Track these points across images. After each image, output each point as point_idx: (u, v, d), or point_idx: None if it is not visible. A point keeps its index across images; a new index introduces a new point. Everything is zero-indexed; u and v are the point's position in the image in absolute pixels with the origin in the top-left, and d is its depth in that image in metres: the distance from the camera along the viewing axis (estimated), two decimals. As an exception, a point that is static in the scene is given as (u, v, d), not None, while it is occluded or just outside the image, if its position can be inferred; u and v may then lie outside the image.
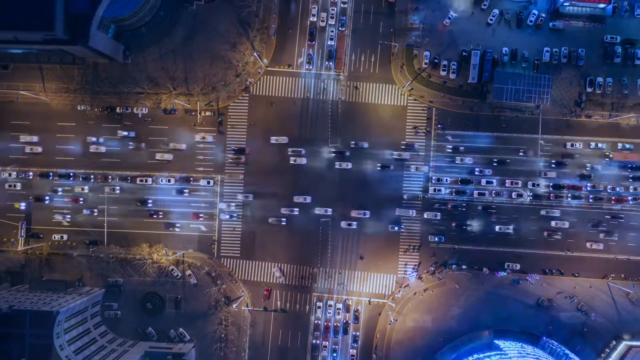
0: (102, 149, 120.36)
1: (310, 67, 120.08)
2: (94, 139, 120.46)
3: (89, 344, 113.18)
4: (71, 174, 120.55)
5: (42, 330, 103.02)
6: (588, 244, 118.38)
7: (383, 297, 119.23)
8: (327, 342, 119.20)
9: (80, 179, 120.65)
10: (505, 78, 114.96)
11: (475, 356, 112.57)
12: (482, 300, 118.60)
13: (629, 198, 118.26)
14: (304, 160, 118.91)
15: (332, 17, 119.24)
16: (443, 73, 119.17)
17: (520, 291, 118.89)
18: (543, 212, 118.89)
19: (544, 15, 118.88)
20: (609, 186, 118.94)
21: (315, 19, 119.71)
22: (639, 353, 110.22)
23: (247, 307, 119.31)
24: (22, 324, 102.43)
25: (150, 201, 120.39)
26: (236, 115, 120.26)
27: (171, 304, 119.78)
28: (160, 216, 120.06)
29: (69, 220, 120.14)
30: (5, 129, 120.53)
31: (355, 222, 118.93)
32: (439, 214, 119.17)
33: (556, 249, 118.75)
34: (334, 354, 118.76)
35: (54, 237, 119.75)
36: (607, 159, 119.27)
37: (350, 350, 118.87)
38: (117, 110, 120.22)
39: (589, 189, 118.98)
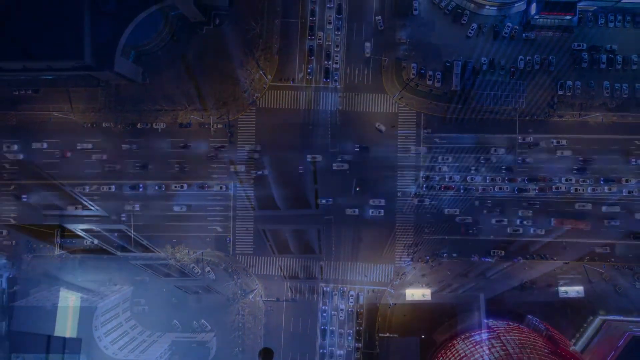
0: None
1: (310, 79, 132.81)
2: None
3: (122, 335, 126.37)
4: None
5: (83, 324, 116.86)
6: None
7: (382, 284, 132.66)
8: (334, 327, 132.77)
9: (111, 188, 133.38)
10: (485, 85, 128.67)
11: (467, 334, 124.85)
12: (472, 284, 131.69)
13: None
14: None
15: (328, 36, 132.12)
16: (429, 82, 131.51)
17: (507, 275, 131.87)
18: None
19: (517, 27, 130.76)
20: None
21: (313, 37, 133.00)
22: (612, 325, 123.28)
23: (262, 298, 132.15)
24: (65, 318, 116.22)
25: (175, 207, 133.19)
26: (245, 126, 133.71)
27: (193, 298, 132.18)
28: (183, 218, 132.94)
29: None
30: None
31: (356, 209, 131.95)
32: (431, 208, 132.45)
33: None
34: (341, 337, 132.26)
35: (86, 242, 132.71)
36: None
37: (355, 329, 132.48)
38: (138, 126, 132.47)
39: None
